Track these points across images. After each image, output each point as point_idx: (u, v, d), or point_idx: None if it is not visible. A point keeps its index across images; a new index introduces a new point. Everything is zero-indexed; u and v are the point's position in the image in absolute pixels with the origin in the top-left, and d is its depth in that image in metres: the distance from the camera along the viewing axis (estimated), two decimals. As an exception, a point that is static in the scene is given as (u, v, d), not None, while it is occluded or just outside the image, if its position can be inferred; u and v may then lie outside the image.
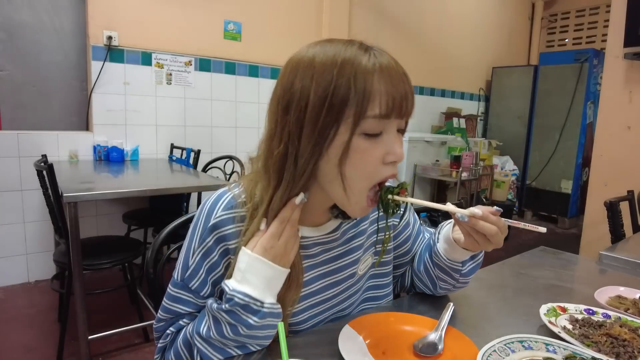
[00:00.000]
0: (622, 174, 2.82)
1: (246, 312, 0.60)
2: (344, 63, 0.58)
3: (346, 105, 0.57)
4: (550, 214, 5.00)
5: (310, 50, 0.61)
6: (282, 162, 0.62)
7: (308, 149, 0.59)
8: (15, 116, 2.71)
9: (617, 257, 1.20)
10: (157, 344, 0.71)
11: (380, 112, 0.58)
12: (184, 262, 0.68)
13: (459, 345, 0.67)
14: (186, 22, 3.10)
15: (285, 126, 0.61)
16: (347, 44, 0.60)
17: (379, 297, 0.84)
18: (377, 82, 0.58)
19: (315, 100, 0.58)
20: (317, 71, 0.58)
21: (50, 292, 2.53)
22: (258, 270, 0.61)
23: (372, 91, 0.57)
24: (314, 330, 0.74)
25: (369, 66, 0.58)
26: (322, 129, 0.58)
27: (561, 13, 6.02)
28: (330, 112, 0.58)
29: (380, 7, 4.25)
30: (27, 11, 2.68)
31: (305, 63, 0.60)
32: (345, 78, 0.57)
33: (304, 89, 0.59)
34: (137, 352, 2.00)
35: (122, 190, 1.84)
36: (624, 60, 2.76)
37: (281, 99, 0.61)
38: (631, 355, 0.65)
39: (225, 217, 0.66)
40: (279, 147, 0.61)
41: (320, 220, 0.73)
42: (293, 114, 0.59)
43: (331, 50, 0.60)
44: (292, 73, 0.61)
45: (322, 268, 0.74)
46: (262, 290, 0.61)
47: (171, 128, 3.14)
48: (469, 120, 5.06)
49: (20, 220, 2.66)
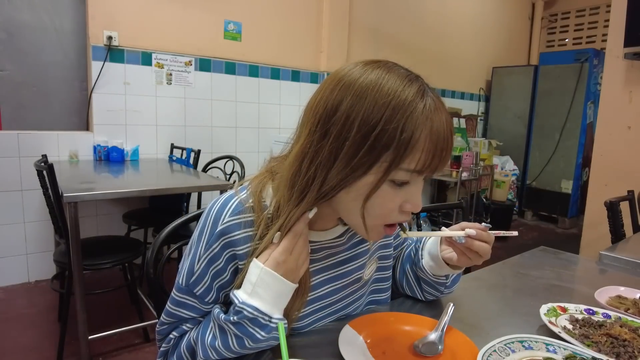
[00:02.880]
0: (622, 174, 2.82)
1: (254, 326, 0.60)
2: (397, 107, 0.54)
3: (386, 150, 0.55)
4: (550, 214, 5.00)
5: (366, 75, 0.57)
6: (307, 185, 0.60)
7: (335, 180, 0.58)
8: (16, 116, 2.71)
9: (618, 257, 1.20)
10: (160, 348, 0.71)
11: (415, 168, 0.57)
12: (189, 268, 0.66)
13: (459, 345, 0.67)
14: (186, 22, 3.10)
15: (320, 151, 0.58)
16: (406, 81, 0.57)
17: (379, 300, 0.85)
18: (424, 139, 0.55)
19: (357, 137, 0.55)
20: (369, 106, 0.55)
21: (50, 292, 2.53)
22: (269, 285, 0.60)
23: (416, 146, 0.55)
24: (314, 330, 0.74)
25: (423, 117, 0.55)
26: (355, 166, 0.56)
27: (561, 13, 6.02)
28: (369, 153, 0.55)
29: (380, 7, 4.25)
30: (27, 11, 2.68)
31: (357, 89, 0.56)
32: (393, 125, 0.54)
33: (348, 120, 0.56)
34: (137, 352, 2.00)
35: (122, 190, 1.84)
36: (624, 60, 2.76)
37: (321, 119, 0.58)
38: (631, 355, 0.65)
39: (233, 223, 0.64)
40: (309, 170, 0.59)
41: (327, 224, 0.73)
42: (331, 141, 0.57)
43: (388, 84, 0.56)
44: (340, 94, 0.57)
45: (328, 273, 0.74)
46: (271, 305, 0.61)
47: (171, 128, 3.14)
48: (469, 120, 5.06)
49: (21, 220, 2.66)
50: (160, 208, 2.78)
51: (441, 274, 0.79)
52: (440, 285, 0.81)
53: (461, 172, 3.82)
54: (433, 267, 0.79)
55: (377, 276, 0.84)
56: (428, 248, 0.80)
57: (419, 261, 0.81)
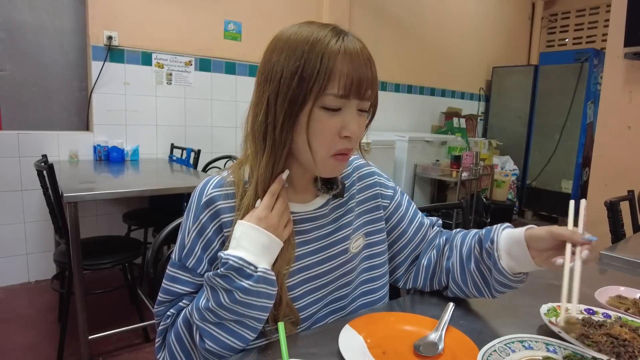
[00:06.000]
0: (623, 174, 2.82)
1: (240, 276, 0.62)
2: (315, 42, 0.64)
3: (312, 80, 0.64)
4: (550, 214, 5.00)
5: (291, 29, 0.68)
6: (265, 130, 0.68)
7: (282, 117, 0.66)
8: (16, 116, 2.71)
9: (618, 257, 1.20)
10: (158, 327, 0.72)
11: (337, 92, 0.64)
12: (180, 242, 0.71)
13: (459, 345, 0.67)
14: (186, 22, 3.10)
15: (264, 94, 0.68)
16: (322, 27, 0.67)
17: (375, 277, 0.85)
18: (340, 64, 0.64)
19: (287, 74, 0.65)
20: (291, 48, 0.65)
21: (50, 292, 2.53)
22: (252, 237, 0.65)
23: (334, 71, 0.63)
24: (314, 329, 0.75)
25: (335, 48, 0.64)
26: (291, 99, 0.65)
27: (561, 13, 6.02)
28: (299, 84, 0.64)
29: (380, 7, 4.25)
30: (27, 11, 2.68)
31: (283, 40, 0.67)
32: (313, 55, 0.64)
33: (279, 63, 0.66)
34: (137, 352, 2.00)
35: (122, 190, 1.84)
36: (625, 60, 2.76)
37: (262, 71, 0.69)
38: (631, 355, 0.65)
39: (217, 194, 0.71)
40: (260, 114, 0.68)
41: (307, 196, 0.78)
42: (270, 84, 0.67)
43: (307, 30, 0.66)
44: (272, 48, 0.68)
45: (314, 244, 0.77)
46: (257, 256, 0.64)
47: (171, 128, 3.14)
48: (469, 120, 5.06)
49: (21, 220, 2.66)
50: (160, 208, 2.78)
51: (521, 270, 0.75)
52: (518, 282, 0.76)
53: (461, 172, 3.82)
54: (513, 267, 0.75)
55: (368, 252, 0.84)
56: (506, 248, 0.75)
57: (497, 263, 0.75)
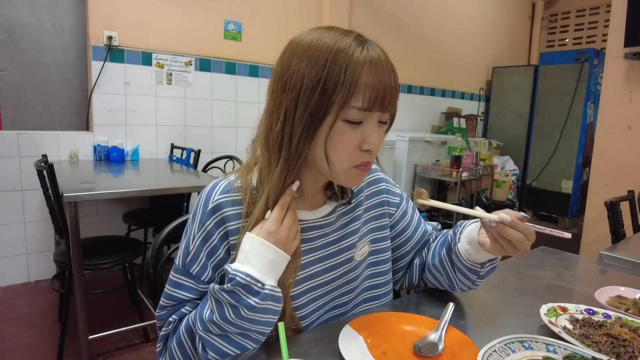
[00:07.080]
0: (623, 174, 2.82)
1: (247, 293, 0.61)
2: (339, 52, 0.61)
3: (335, 93, 0.61)
4: (550, 214, 5.00)
5: (310, 34, 0.65)
6: (281, 140, 0.65)
7: (300, 129, 0.63)
8: (16, 116, 2.71)
9: (618, 257, 1.20)
10: (160, 333, 0.71)
11: (362, 105, 0.62)
12: (185, 248, 0.70)
13: (459, 345, 0.67)
14: (186, 22, 3.10)
15: (282, 104, 0.64)
16: (345, 34, 0.64)
17: (380, 284, 0.84)
18: (365, 75, 0.61)
19: (308, 84, 0.61)
20: (313, 56, 0.62)
21: (51, 292, 2.53)
22: (260, 253, 0.63)
23: (359, 84, 0.61)
24: (314, 329, 0.75)
25: (361, 59, 0.61)
26: (312, 111, 0.62)
27: (561, 13, 6.02)
28: (321, 96, 0.61)
29: (380, 7, 4.25)
30: (27, 11, 2.68)
31: (303, 46, 0.63)
32: (337, 66, 0.60)
33: (300, 71, 0.62)
34: (137, 352, 2.00)
35: (122, 190, 1.84)
36: (625, 60, 2.76)
37: (279, 78, 0.65)
38: (631, 356, 0.65)
39: (223, 200, 0.69)
40: (277, 123, 0.64)
41: (315, 203, 0.76)
42: (289, 93, 0.63)
43: (329, 37, 0.63)
44: (290, 54, 0.65)
45: (319, 252, 0.76)
46: (264, 272, 0.63)
47: (171, 128, 3.14)
48: (469, 120, 5.06)
49: (21, 220, 2.66)
50: (160, 208, 2.78)
51: (477, 260, 0.76)
52: (473, 274, 0.77)
53: (461, 172, 3.82)
54: (469, 250, 0.76)
55: (373, 260, 0.83)
56: (467, 232, 0.77)
57: (455, 244, 0.78)
